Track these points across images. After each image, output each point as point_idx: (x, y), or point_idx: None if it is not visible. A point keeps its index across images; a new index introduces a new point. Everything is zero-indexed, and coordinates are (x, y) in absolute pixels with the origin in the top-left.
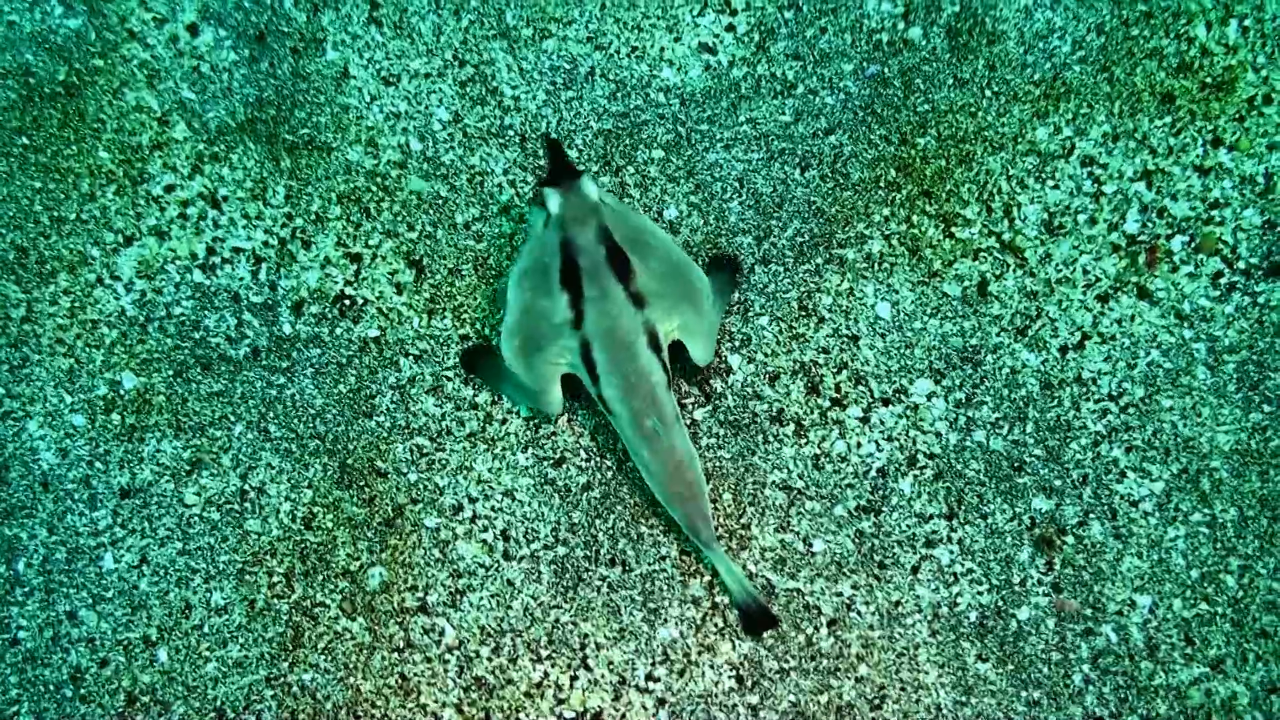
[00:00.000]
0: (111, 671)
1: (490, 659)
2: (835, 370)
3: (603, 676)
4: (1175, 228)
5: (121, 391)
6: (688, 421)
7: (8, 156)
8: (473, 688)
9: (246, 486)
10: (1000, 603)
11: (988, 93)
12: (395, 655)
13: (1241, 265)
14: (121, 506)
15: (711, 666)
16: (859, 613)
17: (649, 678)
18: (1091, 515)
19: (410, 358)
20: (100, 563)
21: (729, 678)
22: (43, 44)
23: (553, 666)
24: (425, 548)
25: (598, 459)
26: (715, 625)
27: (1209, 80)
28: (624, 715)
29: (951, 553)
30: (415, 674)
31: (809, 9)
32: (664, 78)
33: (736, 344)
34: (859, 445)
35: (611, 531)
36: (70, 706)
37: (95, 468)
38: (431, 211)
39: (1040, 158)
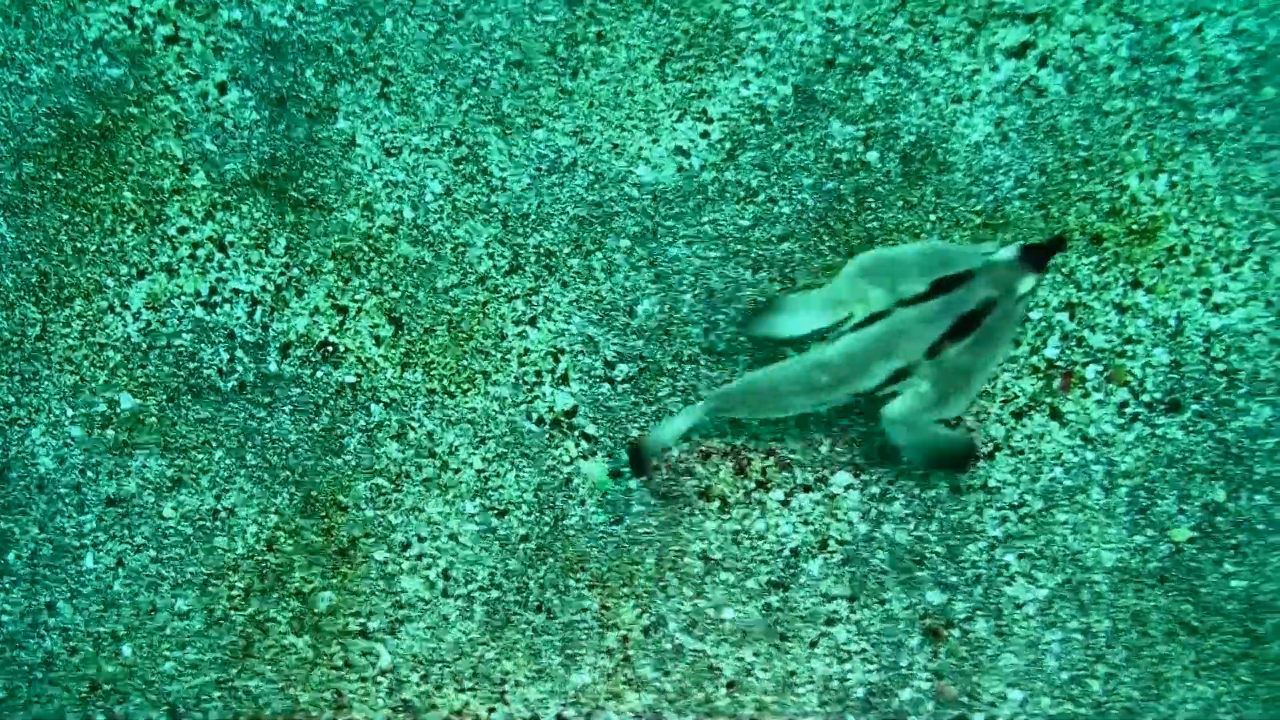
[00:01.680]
0: (79, 660)
1: (419, 684)
2: (764, 455)
3: (518, 711)
4: (1091, 357)
5: (118, 410)
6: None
7: (43, 189)
8: (400, 709)
9: (219, 507)
10: (887, 682)
11: (932, 217)
12: (334, 672)
13: (1146, 398)
14: (106, 513)
15: (616, 712)
16: (757, 678)
17: (559, 717)
18: (979, 612)
19: (381, 404)
20: (81, 562)
21: None
22: (85, 89)
23: (474, 697)
24: (373, 578)
25: (538, 514)
26: (624, 676)
27: (1135, 227)
28: None
29: (849, 632)
30: (350, 691)
31: (779, 125)
32: (639, 174)
33: None
34: (777, 526)
35: (542, 581)
36: (40, 688)
37: (87, 476)
38: (415, 274)
39: None
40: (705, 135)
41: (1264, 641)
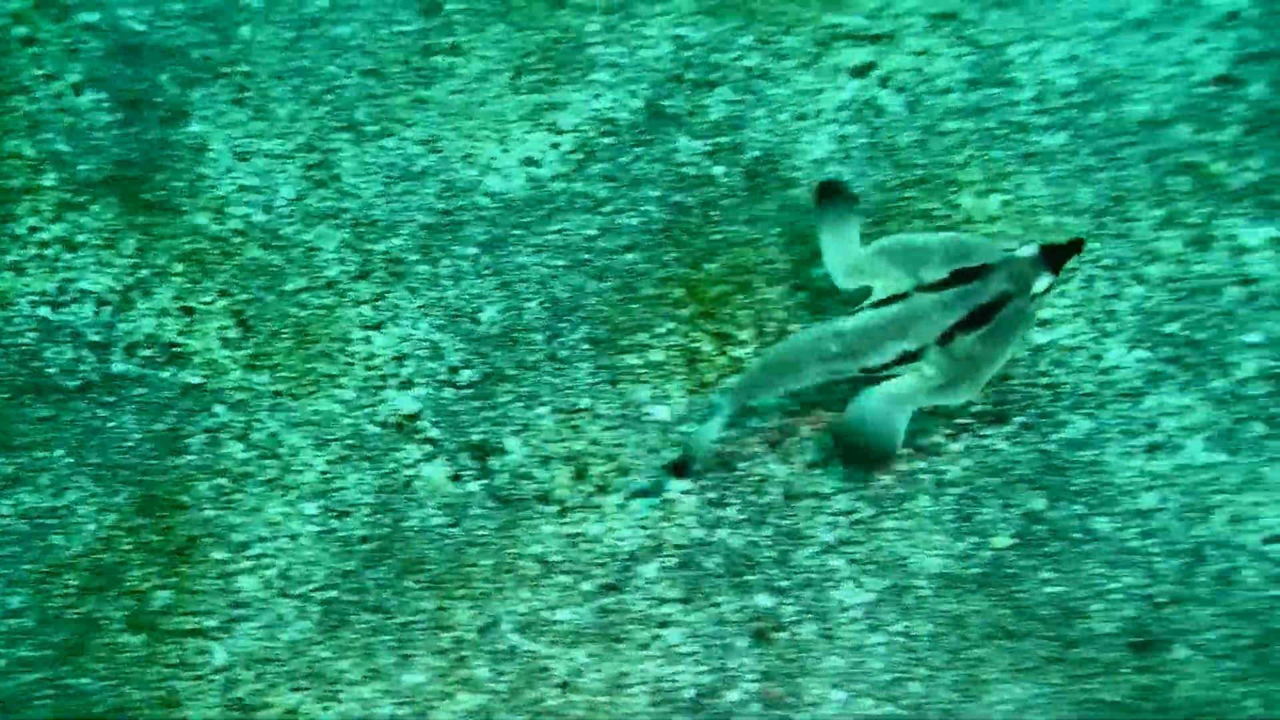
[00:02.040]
0: None
1: (253, 683)
2: (604, 461)
3: (350, 710)
4: None
5: None
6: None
7: None
8: (233, 707)
9: (58, 505)
10: (716, 683)
11: (774, 231)
12: (168, 671)
13: (974, 410)
14: None
15: (449, 712)
16: (589, 679)
17: (392, 717)
18: (807, 616)
19: (225, 405)
20: None
21: None
22: None
23: (307, 695)
24: (210, 578)
25: (379, 516)
26: (458, 676)
27: None
28: None
29: (681, 634)
30: (183, 689)
31: (628, 137)
32: (489, 184)
33: (516, 428)
34: (614, 529)
35: (379, 581)
36: None
37: None
38: (264, 278)
39: (813, 293)
40: (556, 146)
41: (1075, 645)
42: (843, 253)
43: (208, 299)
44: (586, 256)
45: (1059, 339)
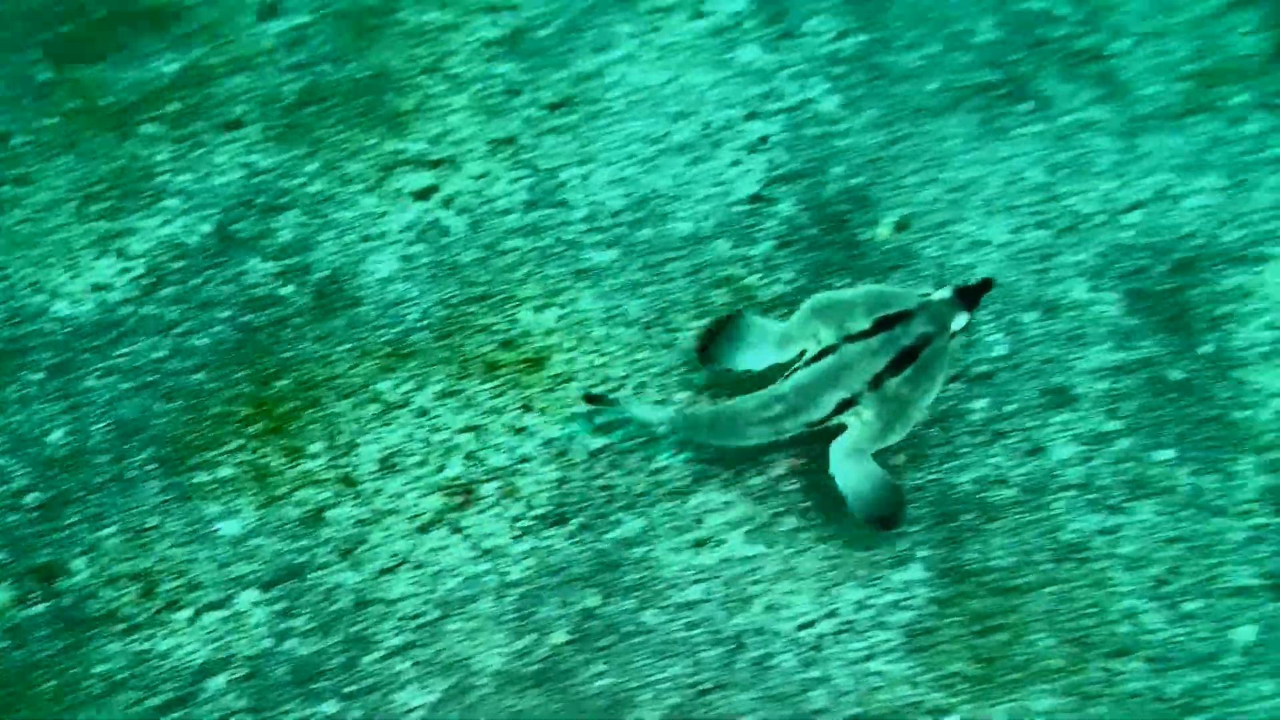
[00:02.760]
0: None
1: None
2: (174, 576)
3: None
4: (490, 475)
5: None
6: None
7: None
8: None
9: None
10: None
11: (342, 347)
12: None
13: (536, 513)
14: None
15: None
16: None
17: None
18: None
19: None
20: None
21: None
22: None
23: None
24: None
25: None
26: None
27: (527, 356)
28: None
29: None
30: None
31: (199, 261)
32: (57, 309)
33: (83, 549)
34: (182, 645)
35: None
36: None
37: None
38: None
39: (382, 406)
40: (126, 272)
41: None
42: (767, 340)
43: None
44: (154, 378)
45: (614, 442)
